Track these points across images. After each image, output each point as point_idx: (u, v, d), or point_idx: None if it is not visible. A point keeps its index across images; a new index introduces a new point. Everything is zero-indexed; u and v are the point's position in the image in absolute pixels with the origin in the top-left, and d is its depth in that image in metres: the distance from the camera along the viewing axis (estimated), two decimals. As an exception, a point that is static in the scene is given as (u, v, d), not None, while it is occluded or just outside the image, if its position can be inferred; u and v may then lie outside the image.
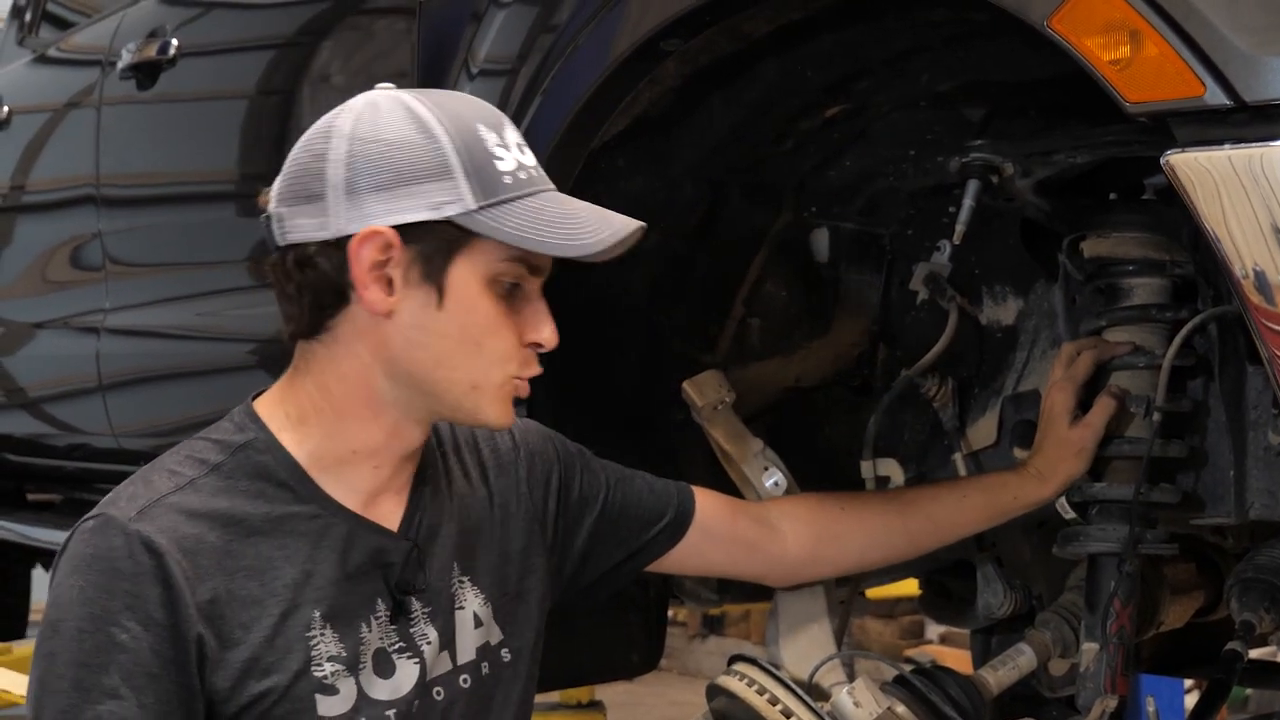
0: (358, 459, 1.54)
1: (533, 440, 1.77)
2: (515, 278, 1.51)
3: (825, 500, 1.96)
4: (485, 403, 1.52)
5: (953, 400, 2.16)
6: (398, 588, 1.56)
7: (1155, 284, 1.89)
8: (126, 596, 1.41)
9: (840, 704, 1.82)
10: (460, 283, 1.48)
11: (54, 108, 3.47)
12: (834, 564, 1.96)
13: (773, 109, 1.94)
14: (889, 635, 7.17)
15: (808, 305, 2.21)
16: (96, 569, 1.43)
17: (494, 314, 1.50)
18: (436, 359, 1.50)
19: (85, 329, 3.22)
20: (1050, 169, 1.86)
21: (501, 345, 1.51)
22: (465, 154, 1.47)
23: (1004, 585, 2.14)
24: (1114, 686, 1.85)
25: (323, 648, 1.49)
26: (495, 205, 1.46)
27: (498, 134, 1.50)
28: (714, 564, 1.91)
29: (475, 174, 1.46)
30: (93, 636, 1.41)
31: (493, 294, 1.50)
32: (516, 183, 1.49)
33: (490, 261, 1.49)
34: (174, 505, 1.46)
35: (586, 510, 1.78)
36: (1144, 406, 1.89)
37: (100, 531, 1.44)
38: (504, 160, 1.49)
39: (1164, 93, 1.35)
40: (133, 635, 1.41)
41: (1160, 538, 1.88)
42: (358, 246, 1.46)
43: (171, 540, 1.43)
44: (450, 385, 1.51)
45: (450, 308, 1.49)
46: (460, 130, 1.48)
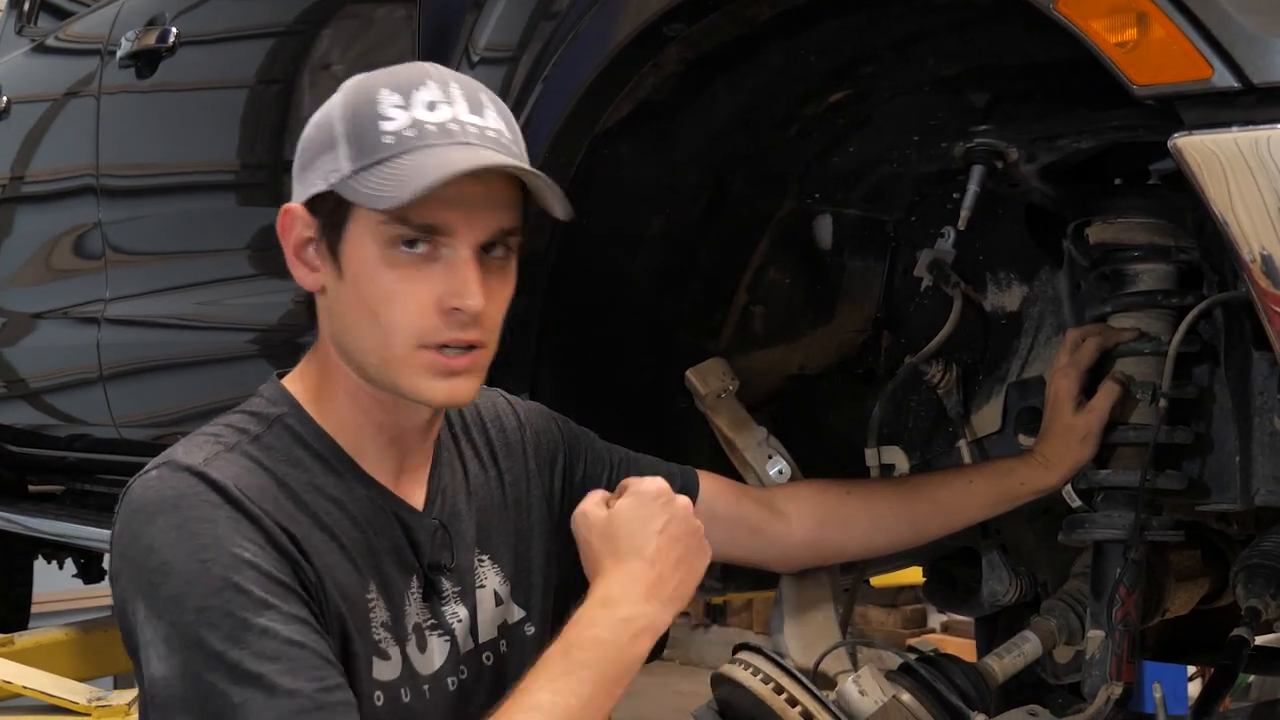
0: (369, 435, 1.54)
1: (537, 421, 1.77)
2: (408, 239, 1.43)
3: (830, 485, 1.95)
4: (401, 377, 1.47)
5: (957, 387, 2.15)
6: (429, 566, 1.57)
7: (1161, 270, 1.89)
8: (228, 522, 1.39)
9: (846, 692, 1.81)
10: (354, 252, 1.45)
11: (53, 97, 3.46)
12: (839, 549, 1.96)
13: (777, 94, 1.93)
14: (891, 624, 7.16)
15: (811, 292, 2.20)
16: (186, 504, 1.39)
17: (387, 282, 1.44)
18: (345, 331, 1.49)
19: (86, 319, 3.22)
20: (1055, 154, 1.86)
21: (398, 315, 1.44)
22: (350, 120, 1.44)
23: (1009, 572, 2.13)
24: (1120, 673, 1.84)
25: (378, 613, 1.50)
26: (368, 168, 1.42)
27: (403, 94, 1.44)
28: (718, 546, 1.89)
29: (354, 139, 1.43)
30: (217, 560, 1.36)
31: (389, 261, 1.44)
32: (399, 141, 1.42)
33: (372, 226, 1.44)
34: (232, 461, 1.45)
35: (591, 489, 1.76)
36: (1150, 393, 1.88)
37: (170, 476, 1.42)
38: (394, 120, 1.43)
39: (1171, 75, 1.34)
40: (252, 553, 1.38)
41: (1166, 524, 1.88)
42: (280, 227, 1.49)
43: (243, 484, 1.42)
44: (363, 358, 1.49)
45: (348, 279, 1.46)
46: (356, 96, 1.45)
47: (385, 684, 1.50)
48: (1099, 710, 1.81)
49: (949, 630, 6.91)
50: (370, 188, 1.41)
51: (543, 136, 1.93)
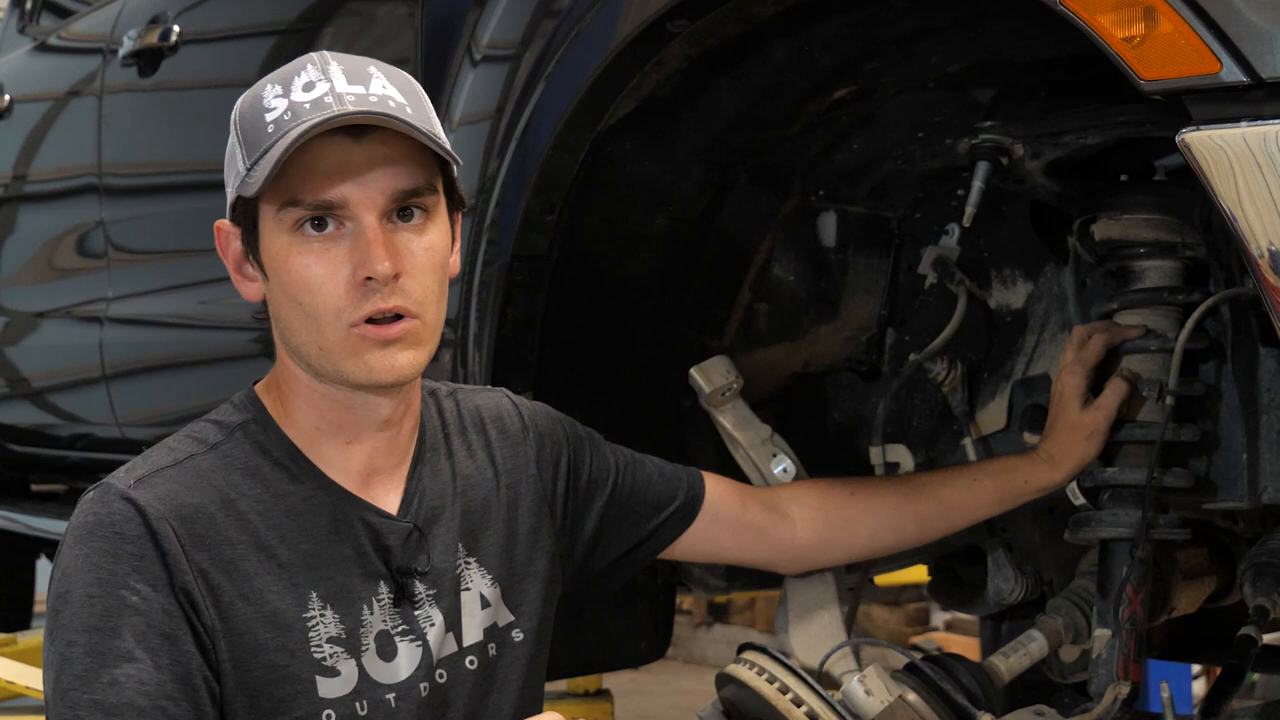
0: (325, 437, 1.53)
1: (542, 422, 1.75)
2: (310, 219, 1.43)
3: (834, 485, 1.94)
4: (341, 360, 1.46)
5: (962, 385, 2.14)
6: (399, 571, 1.54)
7: (1167, 266, 1.88)
8: (132, 559, 1.40)
9: (851, 692, 1.80)
10: (269, 249, 1.47)
11: (56, 96, 3.46)
12: (844, 549, 1.95)
13: (780, 91, 1.93)
14: (895, 622, 7.16)
15: (815, 290, 2.19)
16: (100, 534, 1.42)
17: (299, 269, 1.44)
18: (285, 330, 1.50)
19: (89, 318, 3.21)
20: (1060, 150, 1.84)
21: (320, 299, 1.45)
22: (240, 122, 1.47)
23: (1015, 571, 2.12)
24: (1126, 672, 1.83)
25: (321, 629, 1.48)
26: (256, 162, 1.43)
27: (283, 84, 1.45)
28: (723, 550, 1.89)
29: (245, 138, 1.45)
30: (102, 600, 1.39)
31: (300, 248, 1.44)
32: (278, 126, 1.42)
33: (275, 217, 1.45)
34: (172, 477, 1.46)
35: (596, 493, 1.76)
36: (1156, 390, 1.87)
37: (100, 500, 1.44)
38: (274, 110, 1.44)
39: (1179, 70, 1.33)
40: (142, 597, 1.40)
41: (1172, 523, 1.87)
42: (219, 247, 1.52)
43: (169, 508, 1.43)
44: (306, 352, 1.49)
45: (271, 277, 1.48)
46: (245, 99, 1.48)
47: (336, 700, 1.48)
48: (1106, 709, 1.80)
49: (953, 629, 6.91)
50: (253, 178, 1.43)
51: (545, 134, 1.93)
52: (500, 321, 2.00)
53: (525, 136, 1.97)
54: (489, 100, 2.04)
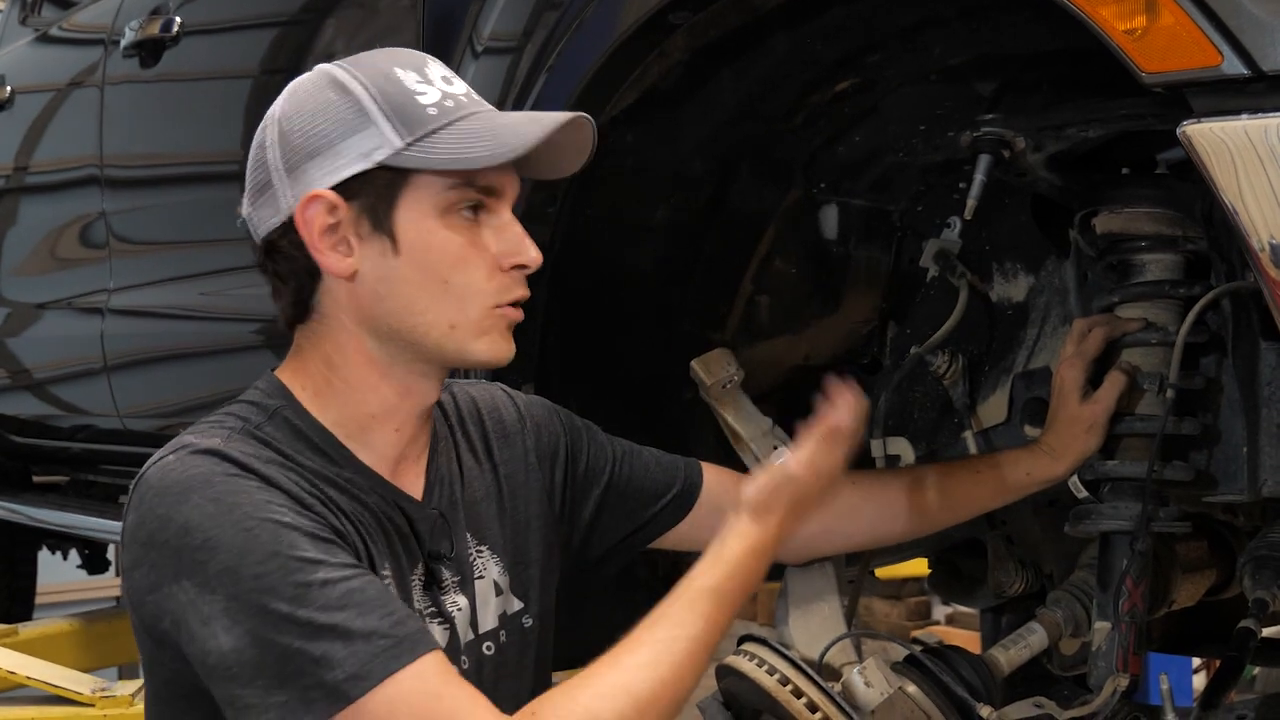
0: (378, 423, 1.54)
1: (538, 413, 1.77)
2: (469, 203, 1.49)
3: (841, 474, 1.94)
4: (469, 340, 1.50)
5: (963, 378, 2.14)
6: (430, 556, 1.57)
7: (1168, 260, 1.87)
8: (260, 490, 1.40)
9: (851, 684, 1.81)
10: (409, 224, 1.47)
11: (57, 87, 3.45)
12: (844, 538, 1.95)
13: (783, 83, 1.93)
14: (895, 616, 7.16)
15: (817, 283, 2.19)
16: (216, 479, 1.40)
17: (453, 247, 1.48)
18: (407, 306, 1.49)
19: (90, 309, 3.21)
20: (1062, 143, 1.84)
21: (469, 278, 1.49)
22: (382, 98, 1.46)
23: (1015, 563, 2.13)
24: (1126, 665, 1.83)
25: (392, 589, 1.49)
26: (423, 139, 1.45)
27: (417, 72, 1.50)
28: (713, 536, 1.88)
29: (396, 114, 1.46)
30: (262, 527, 1.37)
31: (451, 227, 1.48)
32: (443, 112, 1.47)
33: (435, 194, 1.47)
34: (245, 442, 1.46)
35: (594, 482, 1.78)
36: (1157, 384, 1.87)
37: (189, 460, 1.42)
38: (426, 94, 1.48)
39: (1180, 62, 1.33)
40: (291, 516, 1.39)
41: (1173, 516, 1.87)
42: (301, 215, 1.47)
43: (260, 461, 1.43)
44: (429, 329, 1.50)
45: (406, 251, 1.48)
46: (374, 77, 1.48)
47: (493, 632, 1.54)
48: (1105, 702, 1.80)
49: (953, 623, 6.91)
50: (446, 153, 1.45)
51: (547, 126, 1.92)
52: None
53: (527, 128, 1.97)
54: (491, 92, 2.04)
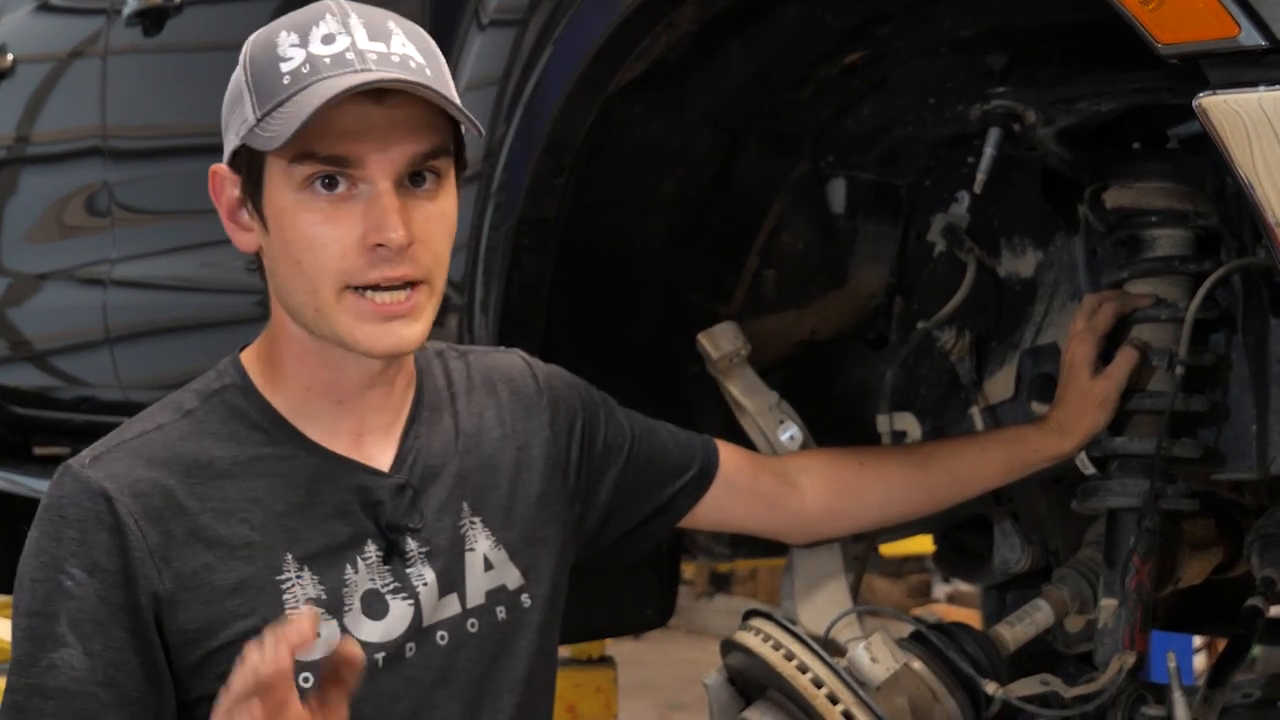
0: (314, 397, 1.52)
1: (557, 386, 1.73)
2: (321, 176, 1.40)
3: (844, 455, 1.94)
4: (337, 325, 1.44)
5: (970, 353, 2.13)
6: (389, 527, 1.52)
7: (1178, 235, 1.86)
8: (72, 543, 1.41)
9: (857, 659, 1.80)
10: (273, 202, 1.43)
11: (59, 57, 3.43)
12: (853, 519, 1.94)
13: (792, 55, 1.91)
14: (896, 594, 7.18)
15: (824, 257, 2.18)
16: (47, 518, 1.43)
17: (305, 226, 1.41)
18: (281, 286, 1.47)
19: (92, 280, 3.20)
20: (1073, 117, 1.83)
21: (321, 259, 1.42)
22: (251, 68, 1.43)
23: (1021, 540, 2.11)
24: (1133, 642, 1.83)
25: (299, 590, 1.46)
26: (270, 113, 1.39)
27: (300, 33, 1.41)
28: (734, 519, 1.88)
29: (256, 86, 1.41)
30: (44, 585, 1.41)
31: (307, 204, 1.41)
32: (295, 79, 1.39)
33: (285, 170, 1.41)
34: (132, 450, 1.45)
35: (611, 460, 1.75)
36: (1166, 360, 1.86)
37: (57, 481, 1.45)
38: (290, 60, 1.40)
39: (1197, 34, 1.31)
40: (78, 582, 1.40)
41: (1181, 493, 1.86)
42: (212, 191, 1.48)
43: (121, 485, 1.42)
44: (300, 312, 1.46)
45: (273, 231, 1.45)
46: (256, 44, 1.44)
47: (312, 664, 1.42)
48: (1111, 679, 1.79)
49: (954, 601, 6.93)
50: (269, 131, 1.39)
51: (554, 97, 1.91)
52: (507, 285, 1.99)
53: (533, 100, 1.96)
54: (496, 65, 2.03)
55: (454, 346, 1.71)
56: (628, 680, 4.66)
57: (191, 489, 1.45)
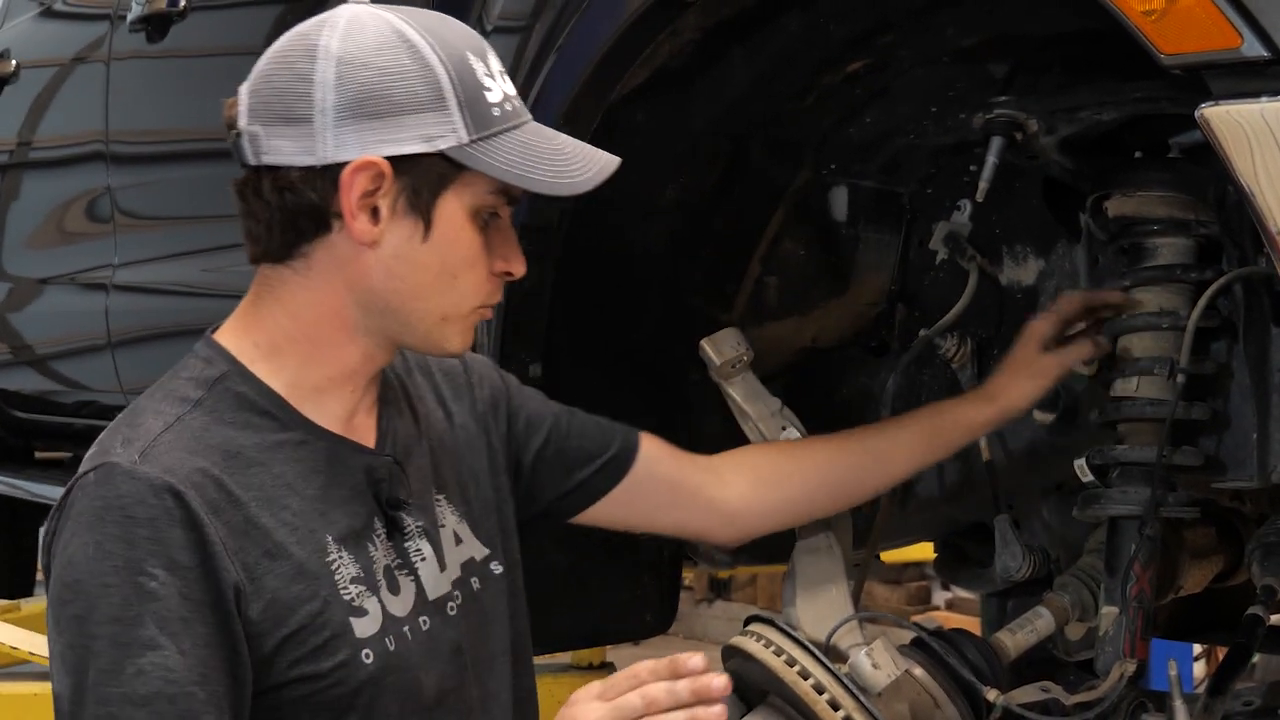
0: (334, 384, 1.54)
1: (483, 369, 1.79)
2: (496, 209, 1.51)
3: (765, 447, 1.96)
4: (452, 333, 1.53)
5: (972, 361, 2.14)
6: (388, 504, 1.56)
7: (1180, 244, 1.86)
8: (147, 543, 1.38)
9: (858, 665, 1.80)
10: (447, 216, 1.48)
11: (63, 62, 3.44)
12: (778, 509, 1.92)
13: (794, 63, 1.92)
14: (895, 601, 7.17)
15: (826, 264, 2.19)
16: (110, 520, 1.39)
17: (474, 247, 1.50)
18: (414, 291, 1.50)
19: (94, 285, 3.21)
20: (1075, 126, 1.84)
21: (475, 278, 1.51)
22: (459, 84, 1.45)
23: (1022, 548, 2.11)
24: (1133, 650, 1.83)
25: (344, 570, 1.49)
26: (487, 139, 1.46)
27: (484, 62, 1.49)
28: (657, 509, 1.87)
29: (469, 105, 1.45)
30: (119, 589, 1.37)
31: (475, 226, 1.50)
32: (504, 115, 1.48)
33: (478, 194, 1.48)
34: (172, 443, 1.43)
35: (534, 435, 1.78)
36: (1167, 368, 1.86)
37: (105, 482, 1.41)
38: (492, 91, 1.48)
39: (1199, 44, 1.32)
40: (160, 581, 1.37)
41: (1181, 501, 1.86)
42: (351, 176, 1.43)
43: (182, 478, 1.40)
44: (424, 316, 1.51)
45: (435, 240, 1.48)
46: (453, 58, 1.46)
47: (371, 639, 1.49)
48: (1112, 687, 1.80)
49: (953, 608, 6.91)
50: (506, 162, 1.46)
51: (557, 104, 1.92)
52: (509, 292, 1.98)
53: (536, 107, 1.96)
54: (500, 71, 2.03)
55: None
56: (627, 686, 4.66)
57: (235, 478, 1.44)
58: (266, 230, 1.49)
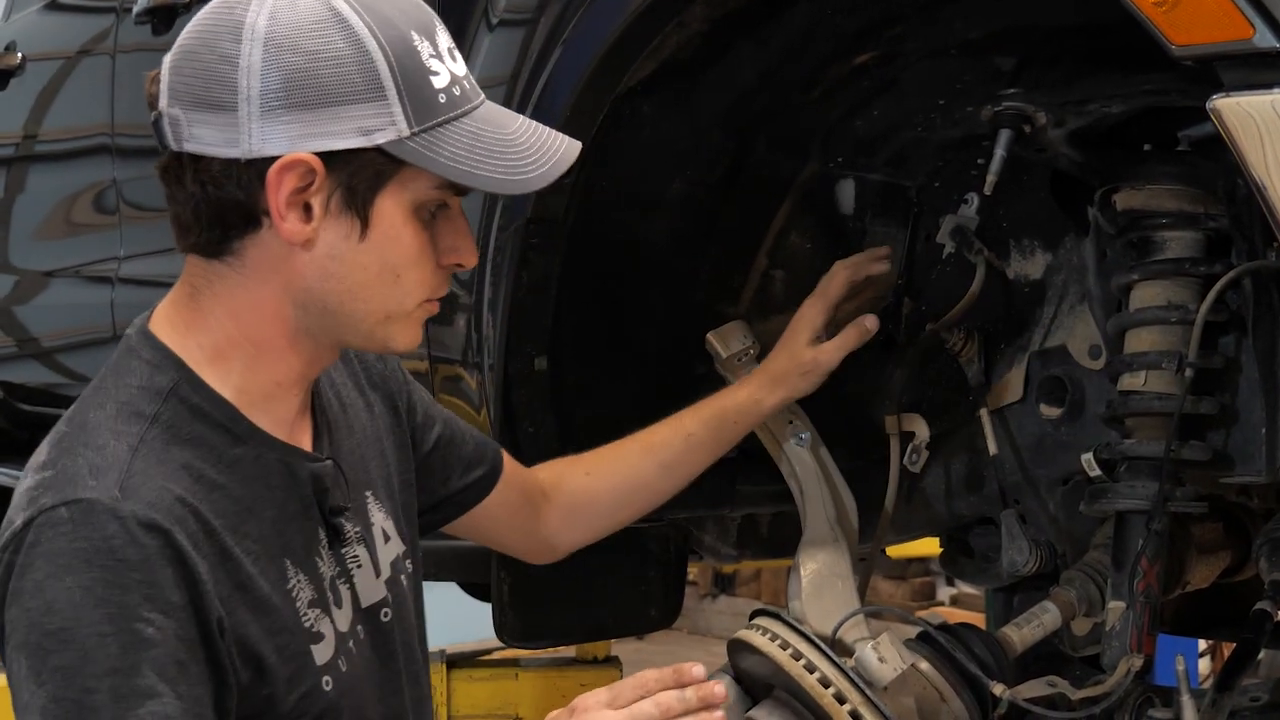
0: (281, 389, 1.45)
1: (390, 359, 1.72)
2: (442, 202, 1.42)
3: (571, 466, 1.94)
4: (397, 331, 1.44)
5: (979, 355, 2.13)
6: (331, 512, 1.50)
7: (1189, 237, 1.85)
8: (142, 587, 1.30)
9: (864, 659, 1.80)
10: (386, 213, 1.38)
11: (68, 55, 3.44)
12: (588, 532, 1.95)
13: (801, 56, 1.91)
14: (900, 596, 7.18)
15: (832, 258, 2.17)
16: (99, 564, 1.29)
17: (416, 244, 1.40)
18: (353, 291, 1.40)
19: (100, 278, 3.21)
20: (1084, 119, 1.83)
21: (419, 274, 1.42)
22: (398, 70, 1.33)
23: (1029, 543, 2.11)
24: (1140, 645, 1.82)
25: (302, 595, 1.44)
26: (429, 130, 1.35)
27: (430, 41, 1.37)
28: (500, 528, 1.87)
29: (409, 94, 1.34)
30: (116, 638, 1.29)
31: (417, 222, 1.40)
32: (450, 101, 1.37)
33: (420, 190, 1.38)
34: (145, 472, 1.34)
35: (426, 438, 1.74)
36: (1175, 362, 1.85)
37: (86, 522, 1.30)
38: (439, 75, 1.36)
39: (1211, 35, 1.31)
40: (157, 627, 1.30)
41: (1189, 496, 1.85)
42: (278, 174, 1.33)
43: (164, 512, 1.32)
44: (365, 316, 1.42)
45: (373, 239, 1.38)
46: (393, 40, 1.34)
47: (327, 664, 1.44)
48: (1118, 682, 1.79)
49: (958, 604, 6.92)
50: (451, 157, 1.36)
51: (563, 97, 1.91)
52: (515, 285, 1.99)
53: (542, 100, 1.96)
54: (506, 65, 2.03)
55: None
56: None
57: (205, 505, 1.36)
58: (194, 220, 1.40)
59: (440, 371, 2.16)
